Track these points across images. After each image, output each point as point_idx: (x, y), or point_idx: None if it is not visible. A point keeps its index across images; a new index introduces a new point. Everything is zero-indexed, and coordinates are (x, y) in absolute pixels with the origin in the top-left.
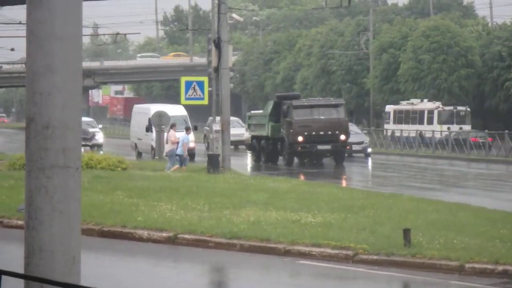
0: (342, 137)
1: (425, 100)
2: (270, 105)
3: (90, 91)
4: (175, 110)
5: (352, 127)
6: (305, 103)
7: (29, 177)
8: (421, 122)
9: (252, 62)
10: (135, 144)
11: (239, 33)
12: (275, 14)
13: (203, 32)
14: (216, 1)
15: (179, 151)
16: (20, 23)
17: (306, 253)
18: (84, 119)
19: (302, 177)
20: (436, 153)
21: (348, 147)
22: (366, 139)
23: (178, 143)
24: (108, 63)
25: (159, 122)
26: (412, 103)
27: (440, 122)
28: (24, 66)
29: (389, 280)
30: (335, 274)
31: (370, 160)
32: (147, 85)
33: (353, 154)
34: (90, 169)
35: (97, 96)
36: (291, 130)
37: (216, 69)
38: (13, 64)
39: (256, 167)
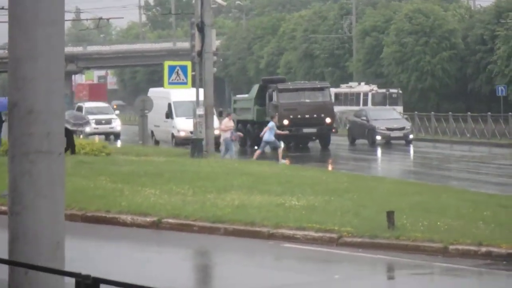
0: (328, 120)
1: (362, 83)
2: (255, 89)
3: (73, 76)
4: (190, 95)
5: (391, 112)
6: (291, 87)
7: (13, 163)
8: (357, 103)
9: (236, 47)
10: (152, 132)
11: (223, 17)
12: None
13: (186, 16)
14: None
15: (267, 137)
16: (2, 8)
17: (291, 236)
18: (99, 104)
19: (287, 161)
20: None
21: (334, 130)
22: (408, 124)
23: (230, 130)
24: (91, 48)
25: (142, 107)
26: (350, 86)
27: (374, 104)
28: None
29: (373, 262)
30: (319, 257)
31: (412, 148)
32: (131, 69)
33: (392, 141)
34: (73, 154)
35: (80, 81)
36: (277, 114)
37: (200, 54)
38: None
39: (242, 152)
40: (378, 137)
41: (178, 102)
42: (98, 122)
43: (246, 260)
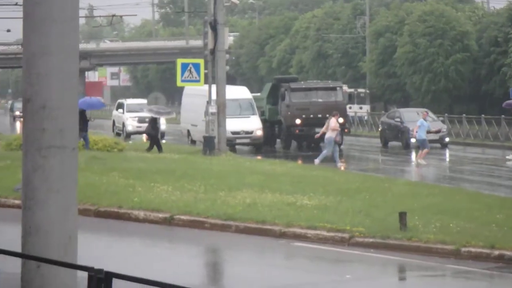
0: (340, 120)
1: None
2: (267, 88)
3: (86, 73)
4: (239, 93)
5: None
6: (303, 86)
7: (26, 157)
8: None
9: (248, 45)
10: (188, 131)
11: (236, 16)
12: None
13: (199, 14)
14: None
15: (421, 135)
16: (16, 4)
17: (302, 235)
18: (141, 101)
19: (299, 160)
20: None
21: (346, 130)
22: (444, 126)
23: (337, 131)
24: (104, 45)
25: (154, 104)
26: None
27: None
28: (20, 47)
29: (385, 263)
30: (330, 256)
31: (448, 152)
32: (144, 67)
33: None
34: (86, 150)
35: (93, 78)
36: (289, 113)
37: (212, 52)
38: (9, 45)
39: (253, 150)
40: (413, 140)
41: None
42: (141, 120)
43: (257, 258)
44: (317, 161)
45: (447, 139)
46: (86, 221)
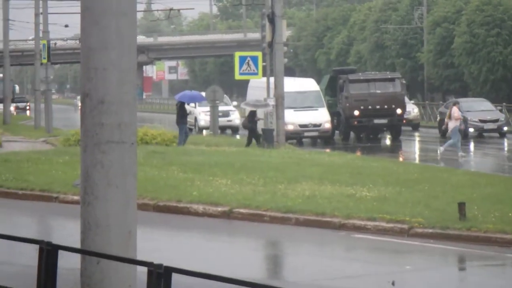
0: (398, 111)
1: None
2: (326, 80)
3: (144, 67)
4: (307, 85)
5: (484, 104)
6: (361, 77)
7: (85, 153)
8: None
9: (306, 38)
10: None
11: (294, 8)
12: None
13: (257, 7)
14: None
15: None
16: None
17: (361, 227)
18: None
19: (358, 152)
20: None
21: (404, 121)
22: (502, 116)
23: (460, 120)
24: (162, 39)
25: (213, 98)
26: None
27: None
28: (77, 42)
29: (444, 253)
30: (390, 247)
31: (506, 141)
32: (201, 60)
33: (484, 134)
34: (145, 144)
35: (151, 72)
36: (347, 105)
37: (270, 44)
38: (67, 40)
39: (312, 142)
40: (471, 129)
41: (285, 93)
42: None
43: (317, 250)
44: (441, 148)
45: (505, 128)
46: (145, 215)
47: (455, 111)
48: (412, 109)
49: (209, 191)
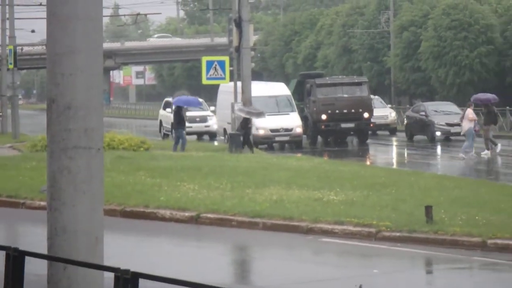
0: (366, 115)
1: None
2: (293, 84)
3: (111, 72)
4: (278, 89)
5: (451, 107)
6: (329, 82)
7: (51, 158)
8: None
9: (273, 42)
10: (224, 130)
11: (261, 13)
12: None
13: (224, 11)
14: None
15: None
16: (40, 4)
17: (329, 231)
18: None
19: (325, 156)
20: None
21: (372, 125)
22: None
23: (474, 121)
24: (129, 44)
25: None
26: None
27: None
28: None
29: (412, 256)
30: (357, 251)
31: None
32: (169, 65)
33: (451, 137)
34: (112, 149)
35: (118, 77)
36: (315, 109)
37: (237, 49)
38: (34, 46)
39: (280, 147)
40: (438, 133)
41: (256, 98)
42: (192, 120)
43: (285, 254)
44: (462, 155)
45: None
46: (112, 221)
47: (469, 112)
48: (389, 113)
49: (176, 196)
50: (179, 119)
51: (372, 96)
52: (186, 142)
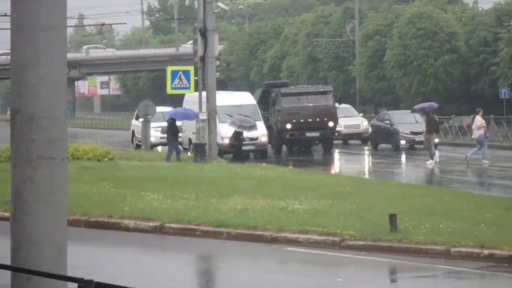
0: (331, 124)
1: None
2: (258, 93)
3: (75, 82)
4: (244, 99)
5: (416, 116)
6: (294, 91)
7: (15, 169)
8: None
9: (238, 51)
10: (189, 140)
11: (226, 22)
12: (261, 4)
13: (189, 21)
14: None
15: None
16: (5, 15)
17: (293, 240)
18: (159, 109)
19: (290, 165)
20: None
21: (336, 134)
22: None
23: (484, 127)
24: (93, 54)
25: (145, 113)
26: None
27: None
28: (8, 58)
29: (376, 265)
30: (322, 260)
31: (437, 153)
32: (134, 75)
33: (415, 146)
34: (76, 160)
35: (83, 87)
36: (280, 118)
37: (202, 58)
38: None
39: (244, 156)
40: (402, 141)
41: (220, 107)
42: (165, 130)
43: (249, 264)
44: (485, 161)
45: (436, 140)
46: (76, 231)
47: (477, 119)
48: (362, 122)
49: (141, 206)
50: (174, 130)
51: (344, 105)
52: (180, 152)
